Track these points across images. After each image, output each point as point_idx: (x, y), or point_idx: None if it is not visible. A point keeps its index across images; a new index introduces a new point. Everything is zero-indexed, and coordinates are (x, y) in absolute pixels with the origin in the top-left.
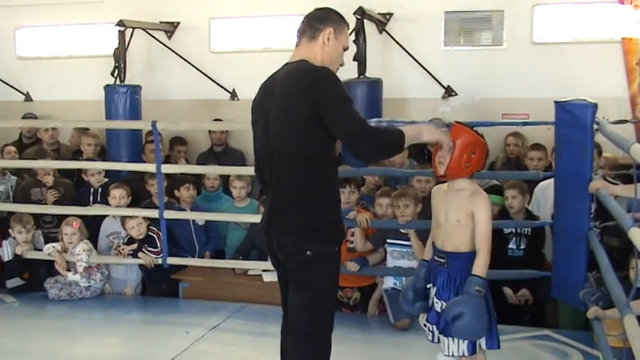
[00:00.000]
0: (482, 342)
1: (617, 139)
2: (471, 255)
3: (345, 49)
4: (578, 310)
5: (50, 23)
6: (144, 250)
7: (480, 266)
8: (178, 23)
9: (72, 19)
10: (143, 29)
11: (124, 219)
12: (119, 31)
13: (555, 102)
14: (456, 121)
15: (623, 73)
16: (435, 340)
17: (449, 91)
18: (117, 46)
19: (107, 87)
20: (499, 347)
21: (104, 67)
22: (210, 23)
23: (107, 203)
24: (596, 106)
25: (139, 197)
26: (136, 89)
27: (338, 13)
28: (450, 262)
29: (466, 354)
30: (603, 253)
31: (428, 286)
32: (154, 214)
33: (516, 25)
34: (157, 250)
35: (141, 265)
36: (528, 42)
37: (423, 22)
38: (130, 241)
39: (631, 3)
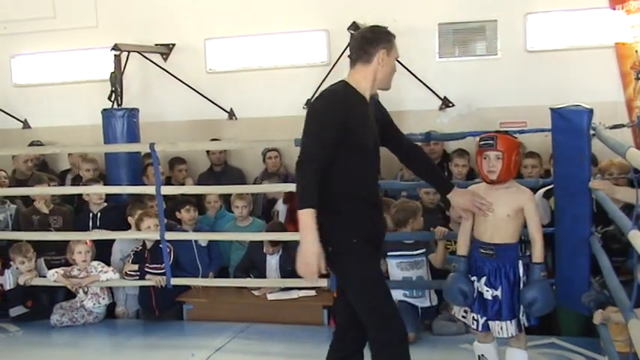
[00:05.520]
0: (524, 320)
1: (614, 144)
2: (516, 246)
3: (397, 58)
4: (580, 315)
5: (46, 50)
6: (147, 269)
7: (539, 254)
8: (174, 45)
9: (67, 45)
10: (138, 52)
11: (141, 219)
12: (115, 55)
13: (551, 109)
14: (497, 131)
15: (618, 78)
16: (480, 329)
17: (445, 102)
18: (113, 70)
19: (104, 111)
20: (537, 322)
21: (101, 91)
22: (206, 44)
23: (107, 227)
24: (591, 111)
25: None
26: (133, 112)
27: (384, 30)
28: (498, 254)
29: (514, 334)
30: (605, 258)
31: (472, 279)
32: (155, 236)
33: (510, 34)
34: (161, 265)
35: (148, 288)
36: (522, 50)
37: (418, 35)
38: (137, 257)
39: (622, 8)
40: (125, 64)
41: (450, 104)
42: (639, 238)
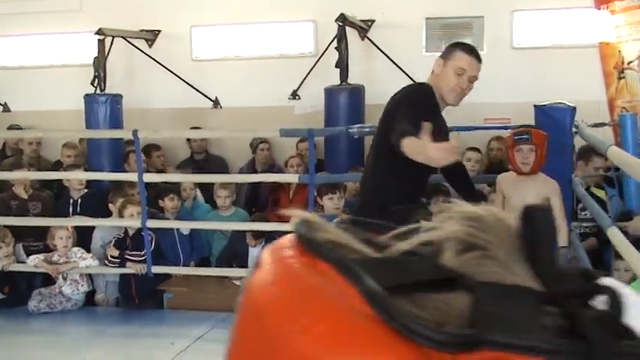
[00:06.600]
0: None
1: (595, 142)
2: None
3: (459, 72)
4: None
5: (28, 32)
6: (127, 256)
7: (564, 238)
8: (159, 31)
9: (50, 27)
10: (123, 38)
11: (124, 206)
12: (98, 39)
13: (535, 106)
14: (528, 126)
15: (600, 77)
16: None
17: None
18: (96, 54)
19: (87, 96)
20: None
21: (84, 76)
22: (192, 31)
23: (87, 214)
24: (574, 109)
25: None
26: (116, 98)
27: (454, 44)
28: None
29: None
30: (584, 254)
31: None
32: (136, 223)
33: (496, 30)
34: (142, 252)
35: (128, 276)
36: (508, 47)
37: (405, 29)
38: (118, 243)
39: (607, 8)
40: (109, 49)
41: None
42: (617, 235)
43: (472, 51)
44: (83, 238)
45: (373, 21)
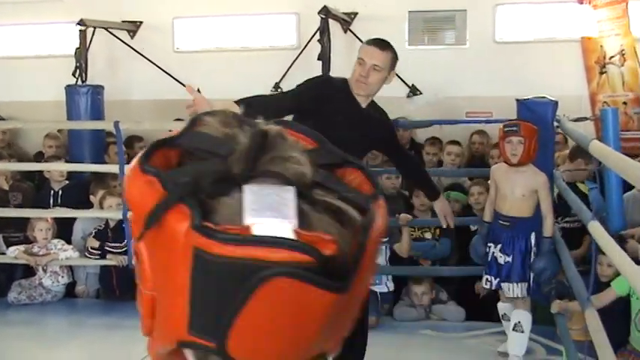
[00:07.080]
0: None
1: (577, 136)
2: (530, 219)
3: (360, 62)
4: (541, 305)
5: (9, 22)
6: (108, 247)
7: (549, 229)
8: (141, 23)
9: (31, 18)
10: (105, 28)
11: (104, 198)
12: (80, 30)
13: (517, 100)
14: (519, 119)
15: (582, 72)
16: (493, 288)
17: (413, 90)
18: (78, 45)
19: (68, 87)
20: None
21: (65, 67)
22: (174, 22)
23: (68, 205)
24: (556, 103)
25: None
26: (98, 89)
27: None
28: (514, 225)
29: (520, 295)
30: (565, 248)
31: (489, 245)
32: (117, 215)
33: (479, 24)
34: (122, 244)
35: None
36: (491, 41)
37: (388, 22)
38: (99, 235)
39: (589, 3)
40: (91, 40)
41: (418, 92)
42: (598, 230)
43: (373, 41)
44: (64, 229)
45: (356, 14)
